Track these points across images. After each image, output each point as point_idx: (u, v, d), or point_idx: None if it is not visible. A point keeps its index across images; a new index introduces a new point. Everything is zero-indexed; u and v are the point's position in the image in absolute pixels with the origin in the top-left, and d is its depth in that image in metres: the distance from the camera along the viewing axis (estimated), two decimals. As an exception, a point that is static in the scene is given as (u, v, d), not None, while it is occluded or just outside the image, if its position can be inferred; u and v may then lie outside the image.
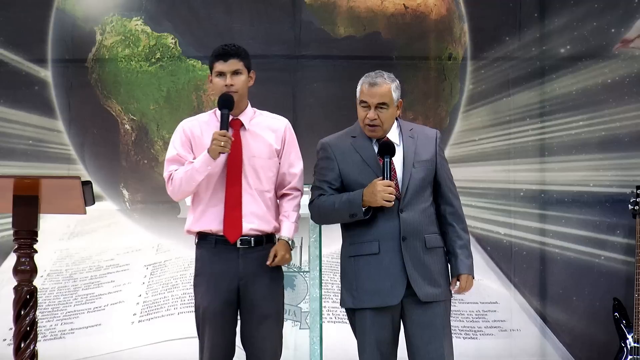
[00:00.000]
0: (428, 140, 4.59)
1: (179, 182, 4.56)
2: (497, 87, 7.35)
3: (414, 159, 4.52)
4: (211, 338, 4.55)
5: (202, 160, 4.51)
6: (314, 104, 7.24)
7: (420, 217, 4.50)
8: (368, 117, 4.53)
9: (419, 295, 4.44)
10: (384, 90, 4.52)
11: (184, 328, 6.91)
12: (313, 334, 5.59)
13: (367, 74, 4.60)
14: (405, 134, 4.58)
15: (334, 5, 7.29)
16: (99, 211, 7.05)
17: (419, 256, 4.47)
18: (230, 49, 4.62)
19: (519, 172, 7.27)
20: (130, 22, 7.27)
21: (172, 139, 4.68)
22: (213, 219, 4.58)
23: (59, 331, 7.08)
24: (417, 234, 4.48)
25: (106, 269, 7.24)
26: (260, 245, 4.60)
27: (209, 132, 4.58)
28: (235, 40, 7.15)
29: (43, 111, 7.24)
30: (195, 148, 4.62)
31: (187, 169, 4.54)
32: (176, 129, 4.70)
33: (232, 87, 4.59)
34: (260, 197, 4.60)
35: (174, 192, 4.61)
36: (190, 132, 4.65)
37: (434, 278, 4.49)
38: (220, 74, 4.61)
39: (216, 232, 4.57)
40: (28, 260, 4.47)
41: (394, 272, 4.46)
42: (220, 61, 4.61)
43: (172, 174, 4.59)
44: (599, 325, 7.12)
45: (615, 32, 7.32)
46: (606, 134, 7.30)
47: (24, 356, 4.43)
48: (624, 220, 7.12)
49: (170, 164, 4.63)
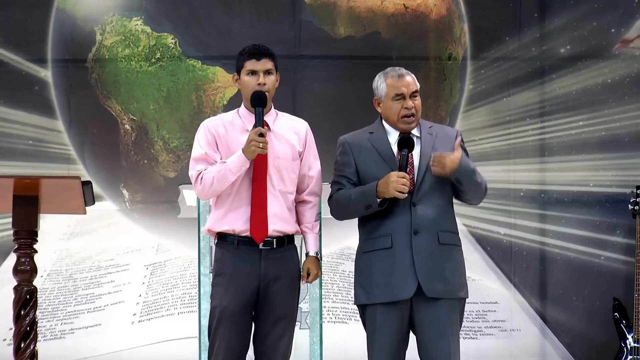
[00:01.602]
0: (448, 137, 4.58)
1: (210, 182, 4.51)
2: (497, 87, 7.36)
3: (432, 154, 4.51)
4: (227, 339, 4.52)
5: (238, 160, 4.47)
6: (314, 104, 7.25)
7: (435, 211, 4.48)
8: (406, 107, 4.53)
9: (425, 290, 4.42)
10: (412, 79, 4.59)
11: (184, 328, 6.92)
12: (313, 334, 5.60)
13: (384, 71, 4.62)
14: (424, 130, 4.59)
15: (334, 5, 7.29)
16: (99, 211, 7.05)
17: (430, 251, 4.45)
18: (262, 49, 4.60)
19: (519, 172, 7.28)
20: (130, 22, 7.27)
21: (197, 138, 4.63)
22: (237, 219, 4.55)
23: (59, 331, 7.09)
24: (430, 229, 4.46)
25: (106, 269, 7.24)
26: (282, 247, 4.59)
27: (234, 132, 4.57)
28: (235, 40, 7.19)
29: (43, 111, 7.24)
30: (220, 148, 4.59)
31: (219, 168, 4.50)
32: (199, 128, 4.65)
33: (264, 85, 4.57)
34: (283, 199, 4.59)
35: (204, 191, 4.56)
36: (215, 131, 4.60)
37: (445, 275, 4.45)
38: (253, 72, 4.58)
39: (239, 233, 4.55)
40: (28, 260, 4.47)
41: (405, 266, 4.45)
42: (253, 60, 4.58)
43: (202, 173, 4.54)
44: (599, 325, 7.12)
45: (615, 32, 7.33)
46: (606, 134, 7.30)
47: (24, 356, 4.43)
48: (624, 220, 7.12)
49: (198, 163, 4.58)
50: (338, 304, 7.12)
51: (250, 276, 4.53)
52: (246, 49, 4.62)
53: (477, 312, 7.19)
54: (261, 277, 4.53)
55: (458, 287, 4.50)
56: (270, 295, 4.54)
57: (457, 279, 4.50)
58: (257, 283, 4.53)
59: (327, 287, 7.08)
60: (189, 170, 4.61)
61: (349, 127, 7.24)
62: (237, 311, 4.52)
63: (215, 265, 4.63)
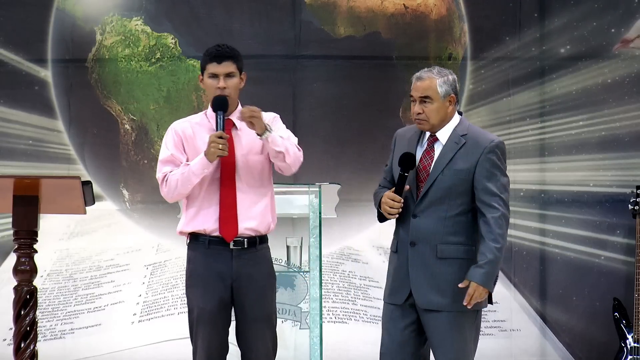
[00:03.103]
0: (475, 148, 4.43)
1: (174, 184, 4.54)
2: (497, 87, 7.36)
3: (446, 166, 4.43)
4: (207, 339, 4.55)
5: (199, 163, 4.50)
6: (314, 104, 7.24)
7: (436, 224, 4.41)
8: (414, 112, 4.49)
9: (417, 301, 4.41)
10: (427, 84, 4.44)
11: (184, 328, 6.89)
12: (313, 334, 5.60)
13: None
14: (453, 137, 4.47)
15: (334, 5, 7.29)
16: (99, 211, 7.04)
17: (426, 263, 4.41)
18: (224, 51, 4.59)
19: (519, 172, 7.27)
20: (130, 22, 7.27)
21: (165, 140, 4.66)
22: (207, 219, 4.57)
23: (59, 331, 7.09)
24: (428, 241, 4.41)
25: (106, 269, 7.24)
26: (254, 247, 4.59)
27: (201, 134, 4.59)
28: (235, 40, 7.18)
29: (43, 111, 7.24)
30: (187, 149, 4.62)
31: (183, 171, 4.53)
32: (168, 130, 4.68)
33: (225, 89, 4.57)
34: (255, 197, 4.59)
35: (168, 193, 4.59)
36: (183, 134, 4.63)
37: (442, 287, 4.40)
38: (214, 75, 4.59)
39: (210, 233, 4.56)
40: (28, 260, 4.47)
41: (402, 274, 4.47)
42: (214, 63, 4.58)
43: (168, 175, 4.57)
44: (599, 325, 7.12)
45: (615, 32, 7.33)
46: (606, 134, 7.30)
47: (24, 356, 4.43)
48: (624, 220, 7.12)
49: (165, 165, 4.61)
50: (338, 304, 7.12)
51: (223, 275, 4.53)
52: (209, 51, 4.62)
53: (477, 312, 7.19)
54: (233, 277, 4.54)
55: (458, 300, 4.38)
56: (242, 296, 4.55)
57: (457, 292, 4.38)
58: (230, 282, 4.53)
59: (327, 287, 7.07)
60: (157, 173, 4.63)
61: (349, 127, 7.28)
62: (216, 311, 4.54)
63: (188, 266, 4.66)
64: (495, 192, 4.38)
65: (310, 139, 7.19)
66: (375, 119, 7.18)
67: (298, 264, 5.85)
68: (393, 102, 7.22)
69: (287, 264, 5.86)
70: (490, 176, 4.41)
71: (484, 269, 4.32)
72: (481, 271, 4.32)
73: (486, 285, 4.33)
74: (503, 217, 4.37)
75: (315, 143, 7.19)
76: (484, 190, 4.39)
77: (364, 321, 7.03)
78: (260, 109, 4.61)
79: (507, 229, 4.42)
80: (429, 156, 4.48)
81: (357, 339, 6.97)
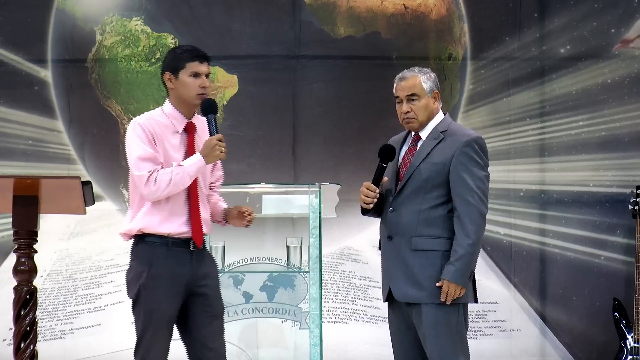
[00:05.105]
0: (453, 142, 4.48)
1: (165, 184, 4.41)
2: (497, 87, 7.36)
3: (423, 159, 4.46)
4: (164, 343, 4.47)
5: (196, 165, 4.43)
6: (314, 104, 7.25)
7: (411, 217, 4.43)
8: (402, 111, 4.52)
9: (394, 294, 4.44)
10: (412, 82, 4.52)
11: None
12: (313, 334, 5.60)
13: None
14: (432, 134, 4.53)
15: (334, 5, 7.29)
16: (99, 211, 7.04)
17: (402, 256, 4.43)
18: (203, 51, 4.56)
19: (519, 172, 7.28)
20: (130, 22, 7.27)
21: (136, 136, 4.46)
22: (177, 222, 4.48)
23: (59, 331, 7.09)
24: (404, 235, 4.44)
25: (106, 269, 7.24)
26: (204, 247, 4.60)
27: (166, 132, 4.48)
28: (235, 40, 7.19)
29: (43, 111, 7.24)
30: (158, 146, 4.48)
31: (177, 171, 4.42)
32: (134, 127, 4.48)
33: (207, 89, 4.53)
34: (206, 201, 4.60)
35: (156, 192, 4.42)
36: (153, 130, 4.48)
37: (418, 280, 4.40)
38: (196, 74, 4.51)
39: (175, 235, 4.49)
40: (28, 260, 4.47)
41: (383, 269, 4.53)
42: (197, 62, 4.50)
43: (155, 174, 4.42)
44: (599, 325, 7.12)
45: (615, 32, 7.33)
46: (606, 134, 7.30)
47: (24, 356, 4.43)
48: (624, 220, 7.12)
49: (144, 162, 4.43)
50: (338, 304, 7.12)
51: (184, 278, 4.48)
52: (187, 49, 4.56)
53: (477, 312, 7.19)
54: (194, 278, 4.51)
55: (436, 293, 4.38)
56: (202, 295, 4.50)
57: (434, 284, 4.39)
58: (191, 284, 4.49)
59: (327, 287, 7.07)
60: (135, 170, 4.43)
61: (349, 127, 7.28)
62: (175, 314, 4.48)
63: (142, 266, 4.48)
64: (471, 186, 4.40)
65: (310, 139, 7.20)
66: (375, 119, 7.18)
67: (298, 264, 5.85)
68: (393, 102, 7.19)
69: (287, 264, 5.86)
70: (466, 169, 4.43)
71: (454, 266, 4.35)
72: (452, 268, 4.35)
73: (459, 282, 4.35)
74: (477, 212, 4.39)
75: (315, 143, 7.19)
76: (458, 182, 4.41)
77: (363, 321, 7.03)
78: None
79: (484, 223, 4.44)
80: (411, 154, 4.52)
81: (357, 339, 6.97)
